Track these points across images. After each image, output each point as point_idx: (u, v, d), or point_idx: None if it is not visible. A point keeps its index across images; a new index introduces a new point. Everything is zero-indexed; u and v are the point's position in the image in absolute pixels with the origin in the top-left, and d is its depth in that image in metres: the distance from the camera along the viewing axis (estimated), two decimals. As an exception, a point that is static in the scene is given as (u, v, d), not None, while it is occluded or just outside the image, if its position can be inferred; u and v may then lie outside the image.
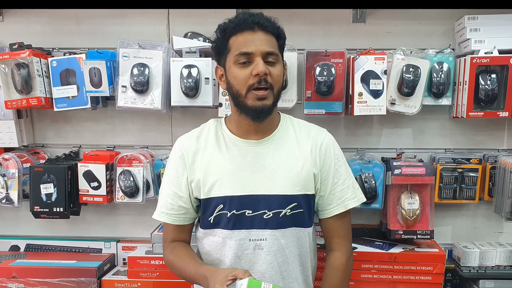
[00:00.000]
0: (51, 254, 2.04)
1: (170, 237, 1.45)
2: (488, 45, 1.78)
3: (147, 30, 1.96)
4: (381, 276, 1.79)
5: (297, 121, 1.50)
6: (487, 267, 1.84)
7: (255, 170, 1.38)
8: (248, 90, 1.31)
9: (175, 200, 1.40)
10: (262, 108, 1.33)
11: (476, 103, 1.80)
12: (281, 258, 1.37)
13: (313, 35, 1.93)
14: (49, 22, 1.98)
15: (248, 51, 1.29)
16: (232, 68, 1.32)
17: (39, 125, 2.06)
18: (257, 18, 1.31)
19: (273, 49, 1.33)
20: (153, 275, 1.84)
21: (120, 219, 2.09)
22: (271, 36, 1.33)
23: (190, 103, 1.83)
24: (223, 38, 1.34)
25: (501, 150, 1.96)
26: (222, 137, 1.43)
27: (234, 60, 1.31)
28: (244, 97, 1.32)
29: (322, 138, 1.45)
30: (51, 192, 1.87)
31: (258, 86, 1.30)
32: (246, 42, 1.30)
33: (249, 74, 1.30)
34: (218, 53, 1.38)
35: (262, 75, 1.29)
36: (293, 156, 1.40)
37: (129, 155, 1.92)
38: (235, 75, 1.32)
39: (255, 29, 1.30)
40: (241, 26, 1.31)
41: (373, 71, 1.77)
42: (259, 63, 1.29)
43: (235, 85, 1.33)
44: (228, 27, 1.33)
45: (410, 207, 1.80)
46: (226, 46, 1.33)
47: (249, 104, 1.32)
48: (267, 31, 1.32)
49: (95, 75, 1.82)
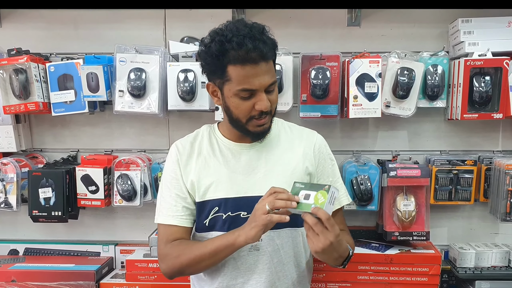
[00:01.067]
0: (50, 258, 2.05)
1: (172, 238, 1.40)
2: (482, 48, 1.79)
3: (144, 35, 1.97)
4: (377, 278, 1.80)
5: (287, 124, 1.52)
6: (483, 268, 1.85)
7: (249, 172, 1.39)
8: (248, 120, 1.32)
9: (179, 201, 1.40)
10: (263, 132, 1.37)
11: (471, 105, 1.81)
12: (276, 258, 1.38)
13: (308, 38, 1.95)
14: (47, 28, 2.00)
15: (252, 88, 1.26)
16: (233, 98, 1.29)
17: (37, 129, 2.07)
18: (258, 45, 1.22)
19: (274, 78, 1.30)
20: (151, 278, 1.85)
21: (118, 222, 2.10)
22: (270, 62, 1.29)
23: (186, 107, 1.84)
24: (219, 63, 1.25)
25: (496, 152, 1.97)
26: (216, 142, 1.44)
27: (235, 93, 1.28)
28: (244, 123, 1.33)
29: (315, 139, 1.48)
30: (50, 196, 1.88)
31: (259, 117, 1.31)
32: (248, 77, 1.24)
33: (251, 107, 1.29)
34: (211, 73, 1.33)
35: (267, 110, 1.30)
36: (286, 157, 1.42)
37: (126, 159, 1.93)
38: (237, 106, 1.30)
39: (257, 61, 1.23)
40: (243, 59, 1.22)
41: (368, 74, 1.79)
42: (263, 100, 1.27)
43: (235, 113, 1.32)
44: (225, 53, 1.23)
45: (406, 208, 1.81)
46: (223, 73, 1.26)
47: (250, 129, 1.34)
48: (268, 59, 1.27)
49: (92, 80, 1.83)
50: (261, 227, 1.21)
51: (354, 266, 1.79)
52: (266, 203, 1.20)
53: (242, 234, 1.24)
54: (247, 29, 1.24)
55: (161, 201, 1.43)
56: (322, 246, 1.17)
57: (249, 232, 1.22)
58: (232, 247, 1.27)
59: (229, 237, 1.27)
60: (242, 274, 1.38)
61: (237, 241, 1.25)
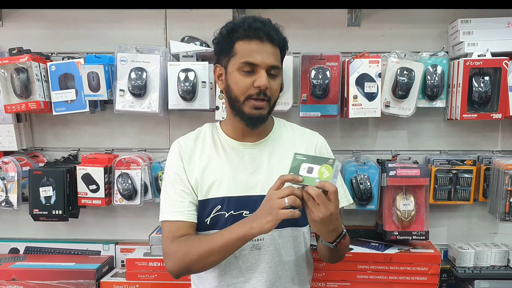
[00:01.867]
0: (50, 257, 2.05)
1: (178, 235, 1.37)
2: (481, 48, 1.80)
3: (145, 34, 1.98)
4: (377, 277, 1.81)
5: (289, 124, 1.53)
6: (482, 268, 1.86)
7: (252, 172, 1.39)
8: (246, 98, 1.32)
9: (185, 197, 1.39)
10: (258, 117, 1.35)
11: (470, 105, 1.82)
12: (277, 257, 1.39)
13: (308, 38, 1.96)
14: (48, 27, 2.01)
15: (254, 61, 1.29)
16: (234, 73, 1.33)
17: (38, 128, 2.08)
18: (267, 28, 1.30)
19: (277, 62, 1.34)
20: (151, 276, 1.85)
21: (119, 221, 2.11)
22: (277, 48, 1.34)
23: (187, 107, 1.85)
24: (229, 40, 1.32)
25: (495, 152, 1.98)
26: (219, 140, 1.45)
27: (238, 67, 1.31)
28: (241, 103, 1.33)
29: (316, 140, 1.49)
30: (50, 195, 1.89)
31: (257, 97, 1.32)
32: (253, 51, 1.29)
33: (250, 84, 1.31)
34: (220, 53, 1.37)
35: (264, 88, 1.31)
36: (287, 157, 1.40)
37: (127, 158, 1.93)
38: (237, 81, 1.32)
39: (264, 40, 1.30)
40: (251, 34, 1.29)
41: (368, 74, 1.79)
42: (262, 76, 1.30)
43: (234, 90, 1.33)
44: (236, 29, 1.31)
45: (405, 208, 1.81)
46: (231, 49, 1.32)
47: (245, 111, 1.34)
48: (274, 43, 1.32)
49: (93, 79, 1.84)
50: (279, 222, 1.18)
51: (354, 265, 1.80)
52: (285, 197, 1.17)
53: (256, 226, 1.20)
54: (260, 19, 1.33)
55: (166, 199, 1.41)
56: (322, 216, 1.16)
57: (264, 225, 1.19)
58: (244, 239, 1.24)
59: (239, 229, 1.23)
60: (244, 273, 1.38)
61: (249, 233, 1.22)
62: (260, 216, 1.20)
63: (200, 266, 1.32)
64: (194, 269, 1.36)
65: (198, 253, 1.28)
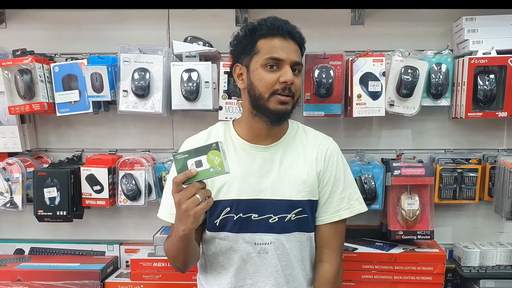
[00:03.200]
0: (55, 257, 2.06)
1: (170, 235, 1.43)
2: (486, 46, 1.78)
3: (147, 34, 1.98)
4: (381, 277, 1.80)
5: (303, 127, 1.52)
6: (488, 267, 1.84)
7: (262, 175, 1.39)
8: (271, 94, 1.33)
9: None
10: (284, 112, 1.36)
11: (475, 104, 1.80)
12: (285, 262, 1.39)
13: (311, 37, 1.91)
14: (51, 28, 2.01)
15: (279, 57, 1.32)
16: (258, 70, 1.34)
17: (42, 129, 2.08)
18: (289, 27, 1.35)
19: (300, 59, 1.38)
20: (155, 277, 1.85)
21: (123, 222, 2.11)
22: (298, 46, 1.38)
23: (190, 107, 1.84)
24: (251, 38, 1.35)
25: (501, 150, 1.96)
26: (231, 141, 1.44)
27: (262, 63, 1.33)
28: (266, 100, 1.34)
29: (328, 146, 1.47)
30: (55, 196, 1.89)
31: (282, 93, 1.33)
32: (277, 47, 1.32)
33: (275, 80, 1.32)
34: (241, 52, 1.39)
35: (290, 83, 1.32)
36: (299, 162, 1.42)
37: (131, 158, 1.93)
38: (262, 77, 1.33)
39: (287, 37, 1.34)
40: (274, 31, 1.33)
41: (372, 73, 1.78)
42: (288, 72, 1.32)
43: (259, 87, 1.34)
44: (258, 28, 1.35)
45: (410, 207, 1.80)
46: (253, 47, 1.35)
47: (271, 107, 1.34)
48: (296, 41, 1.37)
49: (96, 80, 1.84)
50: (200, 217, 1.22)
51: (358, 265, 1.80)
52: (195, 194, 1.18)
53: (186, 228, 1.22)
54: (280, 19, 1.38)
55: (166, 197, 1.44)
56: None
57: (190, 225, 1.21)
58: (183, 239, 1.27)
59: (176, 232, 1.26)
60: (251, 275, 1.39)
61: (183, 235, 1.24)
62: (183, 219, 1.21)
63: (179, 264, 1.40)
64: (179, 266, 1.41)
65: (170, 254, 1.40)
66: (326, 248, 1.45)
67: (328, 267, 1.43)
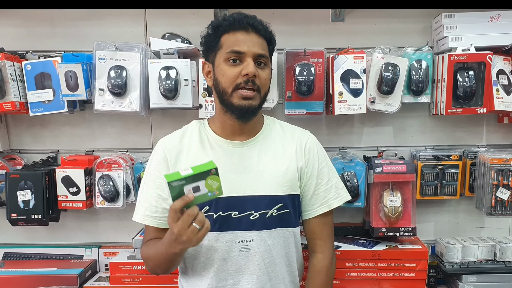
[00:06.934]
0: (31, 262, 2.00)
1: (147, 238, 1.41)
2: (465, 43, 1.79)
3: (124, 31, 1.93)
4: (365, 274, 1.80)
5: (280, 122, 1.51)
6: (470, 262, 1.86)
7: (241, 171, 1.37)
8: (234, 89, 1.31)
9: (159, 202, 1.38)
10: (248, 108, 1.33)
11: (455, 100, 1.81)
12: (268, 259, 1.37)
13: (292, 34, 1.93)
14: (23, 25, 1.94)
15: (240, 50, 1.30)
16: (221, 65, 1.33)
17: (15, 130, 2.01)
18: (251, 20, 1.33)
19: (264, 52, 1.35)
20: (135, 280, 1.82)
21: (101, 224, 2.06)
22: (263, 39, 1.36)
23: (169, 105, 1.81)
24: (214, 35, 1.35)
25: (481, 146, 1.99)
26: (206, 138, 1.42)
27: (224, 57, 1.32)
28: (229, 95, 1.32)
29: (306, 139, 1.46)
30: (29, 199, 1.84)
31: (245, 86, 1.30)
32: (239, 41, 1.31)
33: (238, 73, 1.30)
34: (207, 49, 1.39)
35: (251, 76, 1.29)
36: (278, 157, 1.40)
37: (108, 159, 1.89)
38: (224, 72, 1.32)
39: (249, 30, 1.32)
40: (236, 25, 1.32)
41: (353, 70, 1.78)
42: (249, 64, 1.30)
43: (222, 82, 1.32)
44: (221, 24, 1.34)
45: (392, 204, 1.80)
46: (217, 43, 1.34)
47: (234, 103, 1.32)
48: (260, 34, 1.34)
49: (71, 78, 1.79)
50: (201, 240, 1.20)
51: (342, 263, 1.79)
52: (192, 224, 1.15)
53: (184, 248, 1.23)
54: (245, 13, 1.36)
55: (141, 199, 1.41)
56: None
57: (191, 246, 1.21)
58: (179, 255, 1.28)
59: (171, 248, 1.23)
60: (232, 275, 1.36)
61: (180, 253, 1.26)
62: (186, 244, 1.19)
63: (161, 270, 1.38)
64: (159, 272, 1.39)
65: (152, 261, 1.36)
66: (318, 240, 1.45)
67: (321, 257, 1.44)
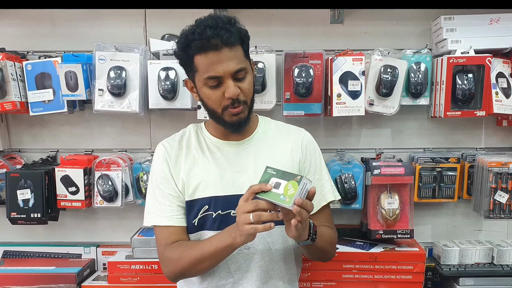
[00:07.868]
0: (30, 261, 2.01)
1: (171, 240, 1.37)
2: (464, 45, 1.79)
3: (124, 32, 1.94)
4: (362, 276, 1.80)
5: (274, 122, 1.51)
6: (467, 265, 1.86)
7: (238, 170, 1.38)
8: (223, 110, 1.31)
9: (173, 201, 1.37)
10: (239, 122, 1.34)
11: (454, 103, 1.81)
12: (268, 257, 1.38)
13: (291, 36, 1.93)
14: (23, 25, 1.95)
15: (216, 75, 1.26)
16: (203, 88, 1.31)
17: (15, 129, 2.02)
18: (220, 33, 1.23)
19: (241, 64, 1.28)
20: (133, 279, 1.82)
21: (100, 223, 2.07)
22: (236, 47, 1.27)
23: (168, 106, 1.81)
24: (186, 56, 1.29)
25: (479, 149, 1.98)
26: (204, 140, 1.43)
27: (204, 82, 1.29)
28: (220, 114, 1.33)
29: (302, 136, 1.47)
30: (28, 197, 1.84)
31: (232, 106, 1.30)
32: (212, 64, 1.25)
33: (221, 96, 1.29)
34: (184, 67, 1.36)
35: (235, 97, 1.28)
36: (274, 155, 1.41)
37: (107, 159, 1.90)
38: (208, 96, 1.31)
39: (219, 47, 1.23)
40: (205, 46, 1.23)
41: (351, 72, 1.78)
42: (230, 86, 1.26)
43: (209, 104, 1.33)
44: (189, 44, 1.26)
45: (390, 207, 1.81)
46: (192, 65, 1.29)
47: (226, 120, 1.33)
48: (232, 45, 1.25)
49: (71, 78, 1.80)
50: (247, 237, 1.19)
51: (339, 264, 1.79)
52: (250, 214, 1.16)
53: (238, 236, 1.21)
54: (212, 20, 1.26)
55: (154, 203, 1.39)
56: (300, 233, 1.20)
57: (239, 238, 1.20)
58: (231, 248, 1.25)
59: (226, 239, 1.24)
60: (233, 273, 1.37)
61: (235, 243, 1.23)
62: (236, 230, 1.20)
63: (194, 272, 1.34)
64: (188, 274, 1.37)
65: (190, 260, 1.30)
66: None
67: None
